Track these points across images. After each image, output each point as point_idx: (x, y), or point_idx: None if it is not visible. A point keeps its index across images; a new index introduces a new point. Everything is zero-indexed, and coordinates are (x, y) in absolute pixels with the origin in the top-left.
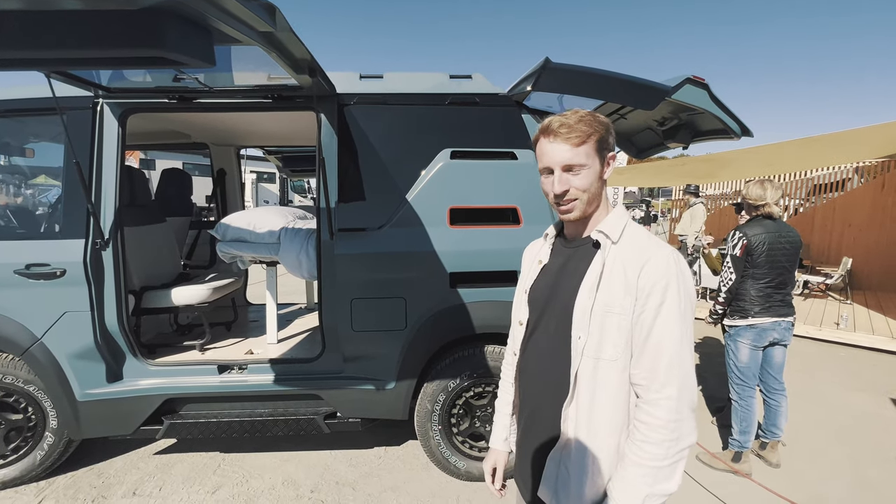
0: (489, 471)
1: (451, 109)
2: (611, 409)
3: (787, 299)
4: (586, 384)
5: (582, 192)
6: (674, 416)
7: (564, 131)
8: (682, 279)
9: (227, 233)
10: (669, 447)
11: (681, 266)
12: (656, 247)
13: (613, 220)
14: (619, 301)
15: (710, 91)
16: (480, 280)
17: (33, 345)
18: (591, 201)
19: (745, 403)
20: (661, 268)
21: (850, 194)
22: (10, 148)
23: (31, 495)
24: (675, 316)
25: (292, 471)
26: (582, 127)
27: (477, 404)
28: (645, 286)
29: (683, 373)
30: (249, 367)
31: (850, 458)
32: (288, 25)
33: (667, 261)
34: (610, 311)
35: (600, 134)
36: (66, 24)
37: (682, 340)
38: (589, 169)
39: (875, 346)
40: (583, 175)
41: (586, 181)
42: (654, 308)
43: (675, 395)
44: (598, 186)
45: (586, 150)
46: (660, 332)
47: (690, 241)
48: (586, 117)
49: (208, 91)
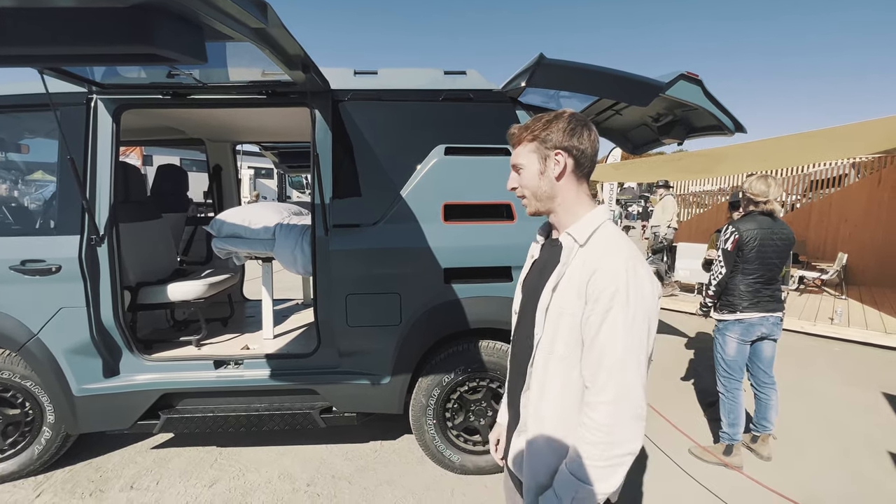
0: (493, 441)
1: (446, 105)
2: (559, 403)
3: (777, 295)
4: (538, 377)
5: (525, 188)
6: (609, 420)
7: (509, 137)
8: (635, 288)
9: (222, 229)
10: (604, 450)
11: (635, 274)
12: (613, 254)
13: (585, 223)
14: (572, 303)
15: (703, 87)
16: (474, 276)
17: (30, 340)
18: (540, 199)
19: (731, 396)
20: (609, 275)
21: (846, 190)
22: (4, 144)
23: (30, 489)
24: (621, 324)
25: (288, 464)
26: (520, 131)
27: (471, 399)
28: (593, 292)
29: (625, 381)
30: (245, 362)
31: (842, 451)
32: (280, 21)
33: (617, 268)
34: (563, 311)
35: (534, 134)
36: (58, 21)
37: (626, 348)
38: (526, 169)
39: (869, 340)
40: (523, 174)
41: (525, 179)
42: (600, 314)
43: (611, 398)
44: (545, 185)
45: (520, 151)
46: (604, 338)
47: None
48: (531, 122)
49: (202, 87)
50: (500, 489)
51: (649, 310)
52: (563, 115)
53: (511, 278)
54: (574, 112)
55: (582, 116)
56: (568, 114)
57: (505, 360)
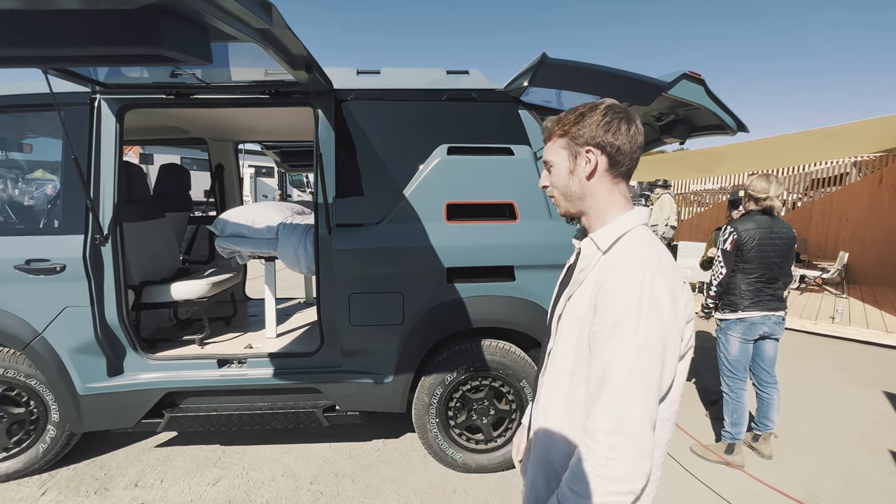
0: (516, 444)
1: (449, 105)
2: (563, 421)
3: (778, 294)
4: (546, 389)
5: (554, 188)
6: (607, 452)
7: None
8: (649, 304)
9: (225, 228)
10: (599, 484)
11: (651, 288)
12: (629, 263)
13: (611, 228)
14: (583, 314)
15: (706, 87)
16: (477, 275)
17: (34, 339)
18: (570, 200)
19: (735, 396)
20: (622, 286)
21: (847, 189)
22: (8, 143)
23: (35, 487)
24: (628, 344)
25: (292, 463)
26: (552, 125)
27: (474, 398)
28: (602, 303)
29: (626, 412)
30: (249, 361)
31: (843, 450)
32: (284, 22)
33: (630, 280)
34: (573, 321)
35: (564, 129)
36: (64, 23)
37: (630, 373)
38: (556, 166)
39: (869, 339)
40: (553, 172)
41: (555, 178)
42: (606, 330)
43: (609, 429)
44: (575, 185)
45: (551, 147)
46: (608, 358)
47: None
48: (563, 115)
49: (205, 87)
50: (503, 488)
51: (666, 331)
52: (599, 106)
53: (514, 278)
54: (613, 103)
55: (622, 107)
56: (605, 105)
57: (507, 359)
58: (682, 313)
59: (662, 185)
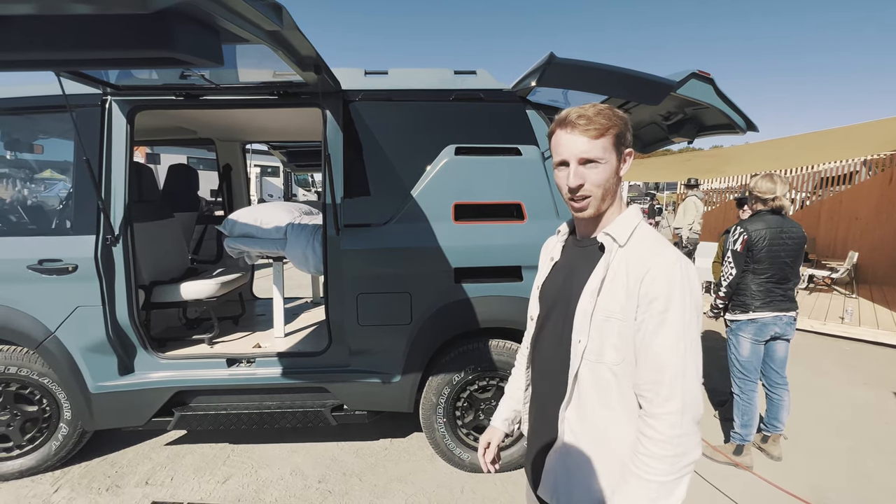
0: (483, 444)
1: (456, 105)
2: (610, 416)
3: (789, 294)
4: (585, 388)
5: (596, 187)
6: (678, 430)
7: (583, 123)
8: (688, 287)
9: (234, 228)
10: (674, 462)
11: (687, 273)
12: (662, 253)
13: (623, 222)
14: (621, 306)
15: (715, 86)
16: (485, 275)
17: (47, 338)
18: (604, 198)
19: (746, 397)
20: (665, 275)
21: (857, 188)
22: (21, 144)
23: (48, 484)
24: (679, 326)
25: (300, 461)
26: (601, 119)
27: (481, 397)
28: (648, 293)
29: (687, 386)
30: (257, 360)
31: (852, 451)
32: (294, 24)
33: (671, 268)
34: (611, 316)
35: (619, 128)
36: (77, 27)
37: (685, 352)
38: (605, 164)
39: (879, 340)
40: (599, 170)
41: (602, 177)
42: (656, 317)
43: (678, 409)
44: (614, 183)
45: (603, 144)
46: (662, 343)
47: (685, 234)
48: (605, 111)
49: (215, 88)
50: (510, 487)
51: (699, 309)
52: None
53: (521, 278)
54: None
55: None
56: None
57: (515, 359)
58: None
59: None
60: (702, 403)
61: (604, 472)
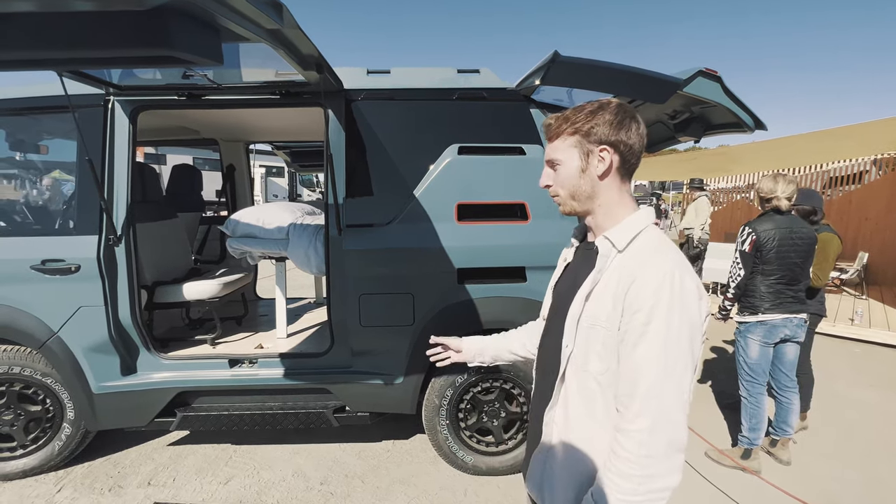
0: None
1: (459, 104)
2: (594, 426)
3: (800, 296)
4: (571, 395)
5: (561, 188)
6: (644, 450)
7: (545, 128)
8: (679, 301)
9: (236, 229)
10: (640, 483)
11: (680, 285)
12: (655, 262)
13: (626, 226)
14: (608, 315)
15: (723, 83)
16: (488, 276)
17: (50, 338)
18: (578, 199)
19: (754, 400)
20: (651, 286)
21: (867, 187)
22: (24, 145)
23: (51, 484)
24: (661, 342)
25: (302, 463)
26: (559, 122)
27: (484, 399)
28: (632, 304)
29: (664, 407)
30: (260, 361)
31: (862, 455)
32: (295, 22)
33: (661, 279)
34: (596, 323)
35: (575, 127)
36: (77, 25)
37: (665, 370)
38: (563, 165)
39: (890, 342)
40: (559, 171)
41: (562, 177)
42: (638, 329)
43: (647, 427)
44: (586, 184)
45: (559, 145)
46: (641, 357)
47: (696, 234)
48: (571, 113)
49: (217, 88)
50: (513, 490)
51: (694, 327)
52: (609, 105)
53: (525, 279)
54: (621, 102)
55: (629, 107)
56: (615, 104)
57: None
58: (705, 309)
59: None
60: (682, 430)
61: (584, 482)
